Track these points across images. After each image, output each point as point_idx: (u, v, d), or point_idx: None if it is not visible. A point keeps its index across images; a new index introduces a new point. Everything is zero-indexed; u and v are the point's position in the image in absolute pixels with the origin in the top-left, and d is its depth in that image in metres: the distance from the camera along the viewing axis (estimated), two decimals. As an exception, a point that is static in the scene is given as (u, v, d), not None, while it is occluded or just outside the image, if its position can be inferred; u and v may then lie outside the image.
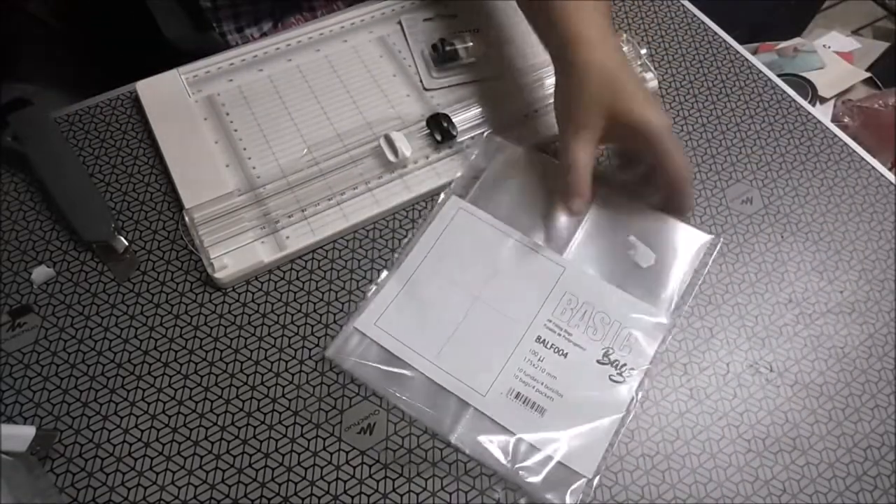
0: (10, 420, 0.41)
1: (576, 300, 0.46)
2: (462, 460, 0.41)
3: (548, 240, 0.48)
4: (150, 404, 0.42)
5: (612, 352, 0.44)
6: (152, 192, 0.50)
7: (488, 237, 0.48)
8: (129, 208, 0.49)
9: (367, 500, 0.40)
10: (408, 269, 0.46)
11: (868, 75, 1.15)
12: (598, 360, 0.44)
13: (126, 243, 0.47)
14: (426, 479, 0.40)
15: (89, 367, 0.43)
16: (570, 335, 0.44)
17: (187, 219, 0.47)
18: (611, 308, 0.45)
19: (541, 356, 0.44)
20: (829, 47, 1.21)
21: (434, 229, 0.48)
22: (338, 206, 0.49)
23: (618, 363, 0.43)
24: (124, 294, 0.46)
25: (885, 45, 1.28)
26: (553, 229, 0.48)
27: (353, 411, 0.42)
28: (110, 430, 0.41)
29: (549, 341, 0.44)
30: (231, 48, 0.57)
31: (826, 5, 1.60)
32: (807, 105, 0.58)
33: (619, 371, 0.43)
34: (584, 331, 0.44)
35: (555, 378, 0.43)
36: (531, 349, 0.44)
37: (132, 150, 0.52)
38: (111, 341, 0.44)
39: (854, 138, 0.57)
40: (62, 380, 0.43)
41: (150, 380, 0.43)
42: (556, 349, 0.44)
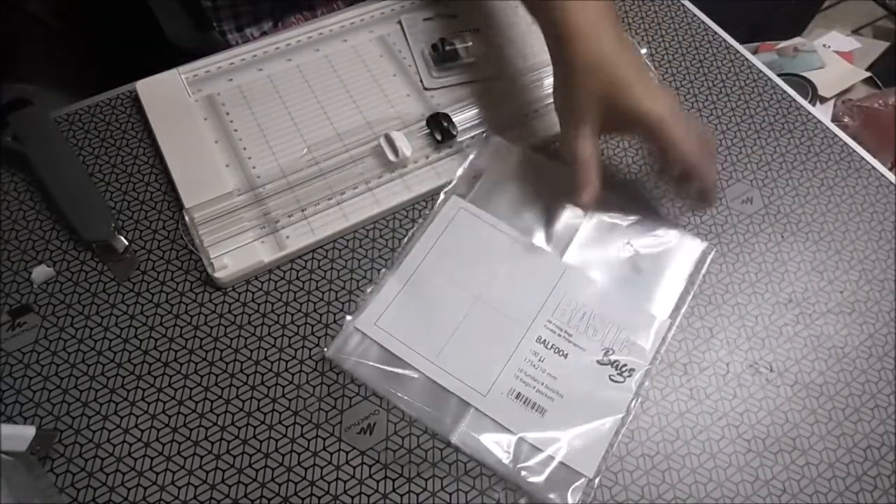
0: (10, 420, 0.41)
1: (575, 301, 0.46)
2: (462, 460, 0.41)
3: (547, 241, 0.48)
4: (150, 404, 0.42)
5: (611, 352, 0.44)
6: (152, 192, 0.50)
7: (488, 237, 0.48)
8: (129, 208, 0.49)
9: (367, 501, 0.40)
10: (408, 269, 0.46)
11: (868, 75, 1.16)
12: (598, 361, 0.44)
13: (126, 243, 0.47)
14: (426, 480, 0.40)
15: (89, 366, 0.43)
16: (570, 336, 0.44)
17: (187, 218, 0.47)
18: (610, 309, 0.45)
19: (541, 356, 0.44)
20: (829, 47, 1.21)
21: (434, 229, 0.48)
22: (338, 206, 0.49)
23: (618, 363, 0.44)
24: (124, 294, 0.46)
25: (885, 44, 1.28)
26: (553, 231, 0.48)
27: (353, 411, 0.42)
28: (110, 430, 0.41)
29: (549, 342, 0.44)
30: (231, 48, 0.57)
31: (826, 5, 1.60)
32: (807, 105, 0.58)
33: (619, 371, 0.43)
34: (584, 331, 0.45)
35: (555, 378, 0.43)
36: (531, 349, 0.44)
37: (132, 149, 0.52)
38: (111, 341, 0.44)
39: (854, 138, 0.57)
40: (62, 380, 0.43)
41: (150, 380, 0.43)
42: (556, 349, 0.44)
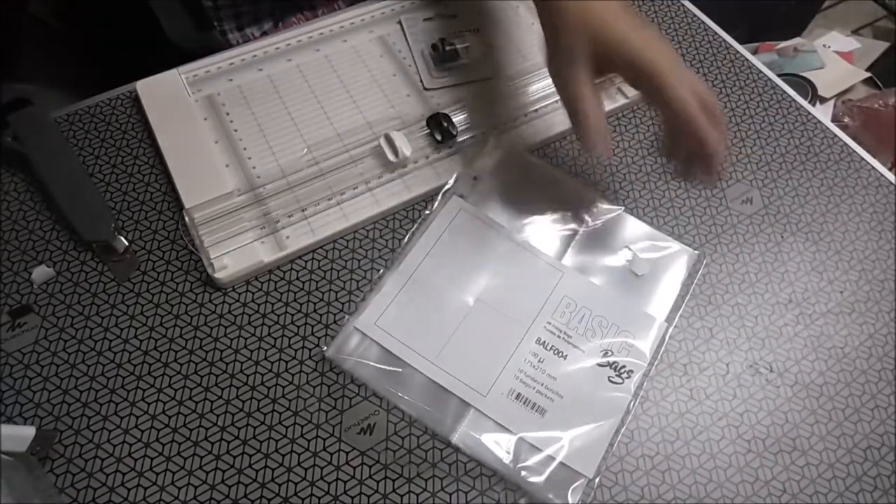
0: (10, 420, 0.41)
1: (574, 303, 0.46)
2: (462, 461, 0.41)
3: (547, 243, 0.48)
4: (150, 404, 0.42)
5: (610, 354, 0.44)
6: (152, 192, 0.50)
7: (488, 238, 0.48)
8: (129, 208, 0.49)
9: (367, 501, 0.40)
10: (408, 269, 0.46)
11: (868, 75, 1.16)
12: (598, 363, 0.44)
13: (126, 243, 0.47)
14: (426, 480, 0.40)
15: (89, 367, 0.43)
16: (569, 337, 0.44)
17: (187, 219, 0.47)
18: (608, 312, 0.45)
19: (541, 357, 0.44)
20: (829, 47, 1.21)
21: (434, 229, 0.48)
22: (338, 206, 0.49)
23: (617, 365, 0.44)
24: (124, 294, 0.46)
25: (885, 45, 1.28)
26: (552, 232, 0.48)
27: (353, 411, 0.42)
28: (110, 431, 0.41)
29: (548, 343, 0.44)
30: (231, 48, 0.57)
31: (826, 5, 1.60)
32: (807, 105, 0.58)
33: (618, 373, 0.43)
34: (583, 333, 0.45)
35: (555, 379, 0.43)
36: (531, 350, 0.44)
37: (132, 149, 0.52)
38: (111, 341, 0.44)
39: (854, 138, 0.57)
40: (62, 380, 0.42)
41: (150, 380, 0.43)
42: (555, 351, 0.44)
